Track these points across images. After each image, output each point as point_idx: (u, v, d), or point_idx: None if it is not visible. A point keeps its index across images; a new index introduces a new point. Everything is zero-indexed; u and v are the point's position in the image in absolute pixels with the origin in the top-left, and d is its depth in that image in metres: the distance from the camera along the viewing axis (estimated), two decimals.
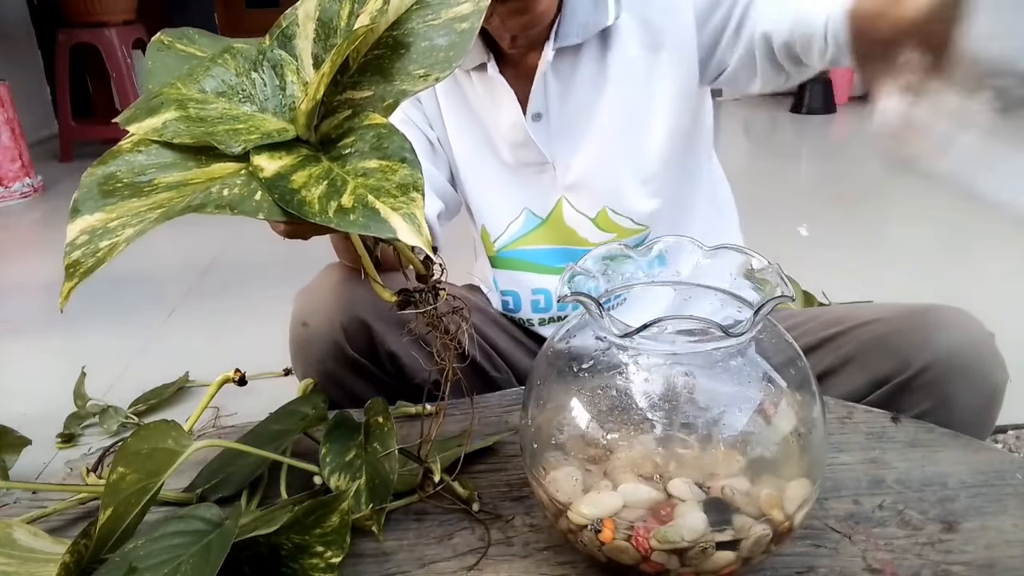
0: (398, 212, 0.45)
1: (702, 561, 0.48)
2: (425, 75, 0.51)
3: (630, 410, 0.50)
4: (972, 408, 0.74)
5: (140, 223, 0.46)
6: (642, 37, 0.86)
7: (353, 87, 0.53)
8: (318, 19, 0.54)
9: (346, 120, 0.52)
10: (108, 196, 0.48)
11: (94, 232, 0.46)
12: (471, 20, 0.52)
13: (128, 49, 3.78)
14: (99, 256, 0.45)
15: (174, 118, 0.51)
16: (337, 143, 0.51)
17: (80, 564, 0.49)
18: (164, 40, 0.59)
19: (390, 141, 0.49)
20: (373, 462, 0.60)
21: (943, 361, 0.74)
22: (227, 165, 0.49)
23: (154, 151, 0.50)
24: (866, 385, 0.78)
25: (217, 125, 0.51)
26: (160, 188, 0.48)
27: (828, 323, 0.85)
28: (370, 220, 0.45)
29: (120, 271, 2.61)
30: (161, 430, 0.56)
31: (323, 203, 0.46)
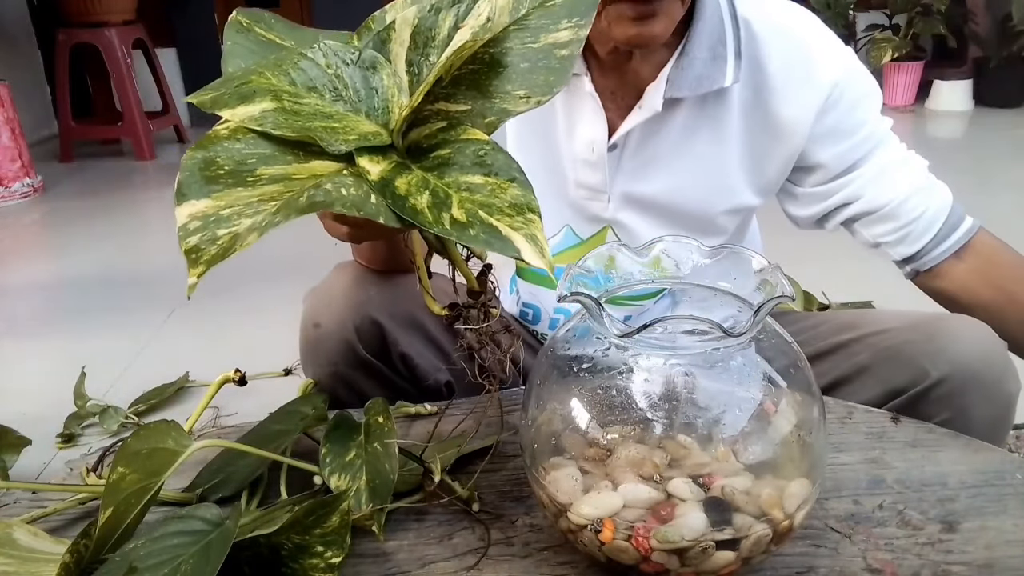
0: (519, 232, 0.44)
1: (702, 561, 0.48)
2: (527, 97, 0.50)
3: (630, 410, 0.50)
4: (988, 419, 0.74)
5: (257, 215, 0.45)
6: (749, 112, 0.82)
7: (446, 99, 0.52)
8: (416, 27, 0.53)
9: (440, 131, 0.51)
10: (212, 183, 0.46)
11: (206, 218, 0.45)
12: (571, 48, 0.51)
13: (128, 49, 3.78)
14: (221, 245, 0.44)
15: (271, 109, 0.50)
16: (428, 153, 0.50)
17: (80, 564, 0.49)
18: (242, 21, 0.58)
19: (494, 159, 0.48)
20: (373, 462, 0.60)
21: (959, 372, 0.73)
22: (328, 163, 0.49)
23: (252, 141, 0.49)
24: (880, 395, 0.78)
25: (313, 121, 0.50)
26: (264, 180, 0.47)
27: (838, 329, 0.85)
28: (492, 237, 0.44)
29: (120, 271, 2.62)
30: (161, 430, 0.56)
31: (434, 213, 0.45)
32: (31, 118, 3.82)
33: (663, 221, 0.86)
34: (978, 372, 0.74)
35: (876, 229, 0.85)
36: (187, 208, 0.46)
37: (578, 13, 0.52)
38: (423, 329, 0.85)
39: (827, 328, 0.86)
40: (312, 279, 0.87)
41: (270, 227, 0.44)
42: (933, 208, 0.83)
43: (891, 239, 0.85)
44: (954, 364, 0.74)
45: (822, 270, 1.75)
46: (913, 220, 0.83)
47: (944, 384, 0.74)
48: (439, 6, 0.53)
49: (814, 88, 0.81)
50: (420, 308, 0.84)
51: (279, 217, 0.44)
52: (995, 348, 0.75)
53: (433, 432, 0.66)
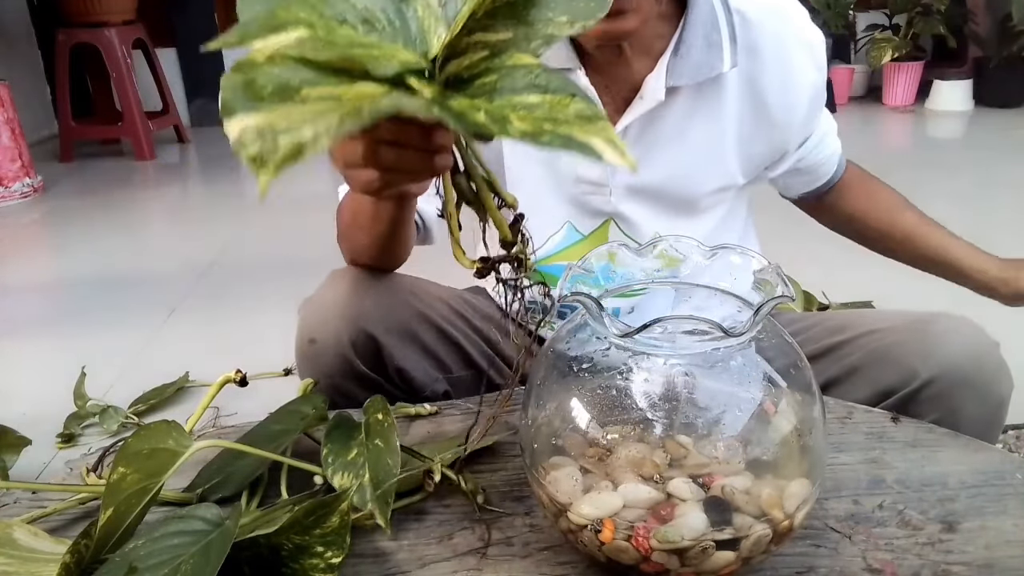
0: (595, 136, 0.42)
1: (702, 561, 0.48)
2: (571, 22, 0.49)
3: (630, 410, 0.50)
4: (979, 419, 0.74)
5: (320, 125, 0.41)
6: (744, 96, 0.83)
7: (483, 30, 0.50)
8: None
9: (482, 60, 0.49)
10: (258, 100, 0.43)
11: (261, 132, 0.41)
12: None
13: (128, 49, 3.78)
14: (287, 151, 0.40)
15: (307, 36, 0.46)
16: (472, 82, 0.48)
17: (80, 564, 0.49)
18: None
19: (549, 80, 0.46)
20: (376, 459, 0.59)
21: (949, 373, 0.74)
22: (374, 86, 0.45)
23: (290, 67, 0.45)
24: (872, 396, 0.78)
25: (353, 48, 0.47)
26: (313, 99, 0.43)
27: (832, 330, 0.85)
28: (567, 142, 0.42)
29: (120, 271, 2.62)
30: (162, 430, 0.56)
31: (501, 126, 0.43)
32: (31, 118, 3.82)
33: (663, 208, 0.87)
34: (968, 373, 0.74)
35: (793, 180, 0.98)
36: (237, 123, 0.41)
37: None
38: (418, 341, 0.85)
39: (820, 330, 0.86)
40: (312, 279, 0.87)
41: (341, 133, 0.40)
42: (835, 161, 0.98)
43: (798, 185, 0.99)
44: (943, 365, 0.74)
45: (822, 270, 1.75)
46: (823, 173, 0.97)
47: (934, 385, 0.74)
48: None
49: (809, 76, 0.84)
50: (415, 320, 0.84)
51: (348, 123, 0.41)
52: (986, 349, 0.76)
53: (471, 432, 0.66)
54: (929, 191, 2.78)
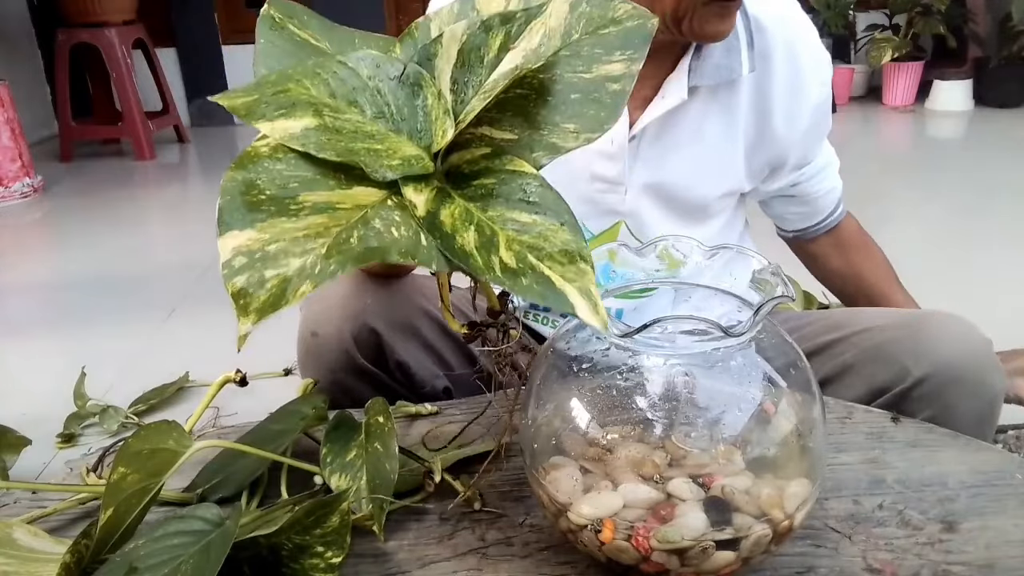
0: (572, 285, 0.43)
1: (702, 561, 0.48)
2: (576, 132, 0.49)
3: (630, 410, 0.50)
4: (972, 416, 0.74)
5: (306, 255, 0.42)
6: (755, 101, 0.84)
7: (491, 123, 0.50)
8: (464, 43, 0.50)
9: (483, 158, 0.49)
10: (254, 210, 0.44)
11: (251, 254, 0.42)
12: (623, 82, 0.49)
13: (128, 49, 3.79)
14: (271, 291, 0.41)
15: (313, 127, 0.47)
16: (470, 180, 0.48)
17: (80, 564, 0.49)
18: (275, 16, 0.55)
19: (543, 197, 0.46)
20: (374, 462, 0.60)
21: (942, 371, 0.74)
22: (371, 191, 0.47)
23: (292, 161, 0.46)
24: (866, 394, 0.78)
25: (356, 142, 0.47)
26: (307, 209, 0.44)
27: (827, 328, 0.85)
28: (546, 289, 0.42)
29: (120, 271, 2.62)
30: (162, 430, 0.56)
31: (485, 258, 0.44)
32: (31, 118, 3.83)
33: (674, 209, 0.88)
34: (960, 370, 0.74)
35: (789, 209, 0.99)
36: (230, 240, 0.42)
37: (632, 46, 0.50)
38: (420, 336, 0.85)
39: (815, 328, 0.86)
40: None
41: (325, 277, 0.42)
42: (833, 198, 0.99)
43: (794, 218, 1.00)
44: (936, 363, 0.74)
45: None
46: (820, 208, 0.99)
47: (926, 382, 0.74)
48: (489, 24, 0.50)
49: (814, 89, 0.85)
50: (417, 315, 0.85)
51: (334, 265, 0.42)
52: (978, 346, 0.76)
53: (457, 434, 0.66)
54: (929, 191, 2.78)
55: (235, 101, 0.48)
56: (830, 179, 0.97)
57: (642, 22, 0.51)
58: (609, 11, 0.52)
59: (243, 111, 0.48)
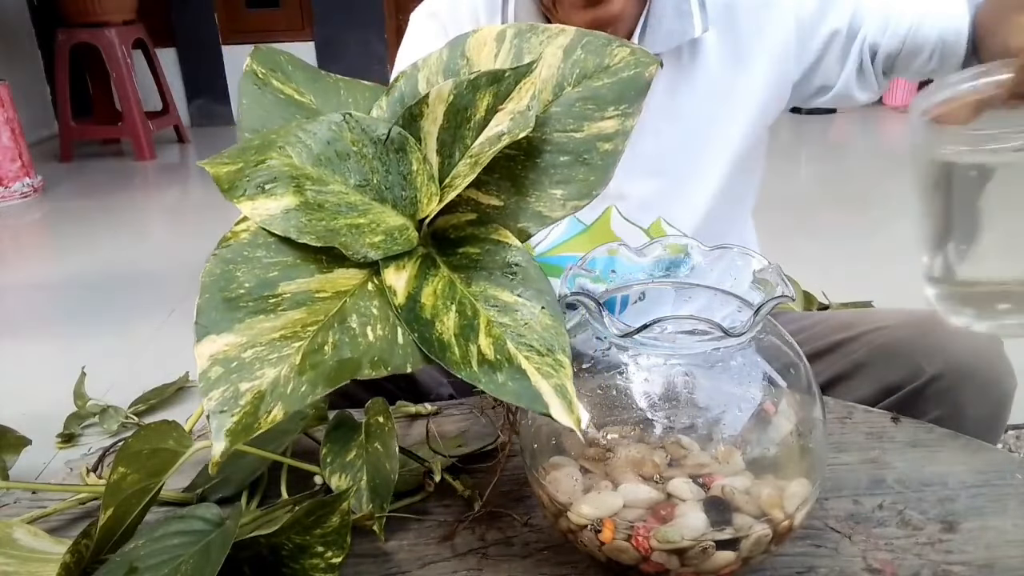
0: (548, 381, 0.42)
1: (702, 561, 0.48)
2: (564, 200, 0.48)
3: (630, 410, 0.50)
4: (983, 416, 0.74)
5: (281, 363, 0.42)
6: (726, 54, 0.83)
7: (478, 186, 0.49)
8: (450, 104, 0.49)
9: (469, 224, 0.48)
10: (233, 309, 0.43)
11: (228, 363, 0.42)
12: (615, 142, 0.48)
13: (128, 49, 3.79)
14: (245, 409, 0.41)
15: (294, 206, 0.46)
16: (456, 246, 0.48)
17: (80, 564, 0.49)
18: (258, 72, 0.54)
19: (525, 274, 0.46)
20: (374, 462, 0.60)
21: (954, 369, 0.74)
22: (351, 273, 0.46)
23: (273, 246, 0.45)
24: (876, 392, 0.78)
25: (338, 218, 0.46)
26: (286, 303, 0.44)
27: (836, 328, 0.85)
28: (520, 387, 0.42)
29: (120, 271, 2.62)
30: (162, 430, 0.56)
31: (463, 347, 0.43)
32: (31, 118, 3.83)
33: (664, 183, 0.86)
34: (972, 369, 0.74)
35: (915, 64, 0.84)
36: (207, 347, 0.42)
37: (627, 99, 0.49)
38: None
39: (824, 327, 0.86)
40: None
41: (296, 403, 0.41)
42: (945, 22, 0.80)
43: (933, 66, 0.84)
44: (948, 361, 0.74)
45: (822, 270, 1.76)
46: (937, 39, 0.81)
47: (939, 381, 0.74)
48: (477, 83, 0.48)
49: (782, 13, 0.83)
50: None
51: (306, 387, 0.42)
52: (990, 345, 0.76)
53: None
54: None
55: (220, 170, 0.48)
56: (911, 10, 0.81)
57: (639, 71, 0.49)
58: (605, 57, 0.50)
59: (226, 184, 0.47)
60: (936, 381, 0.74)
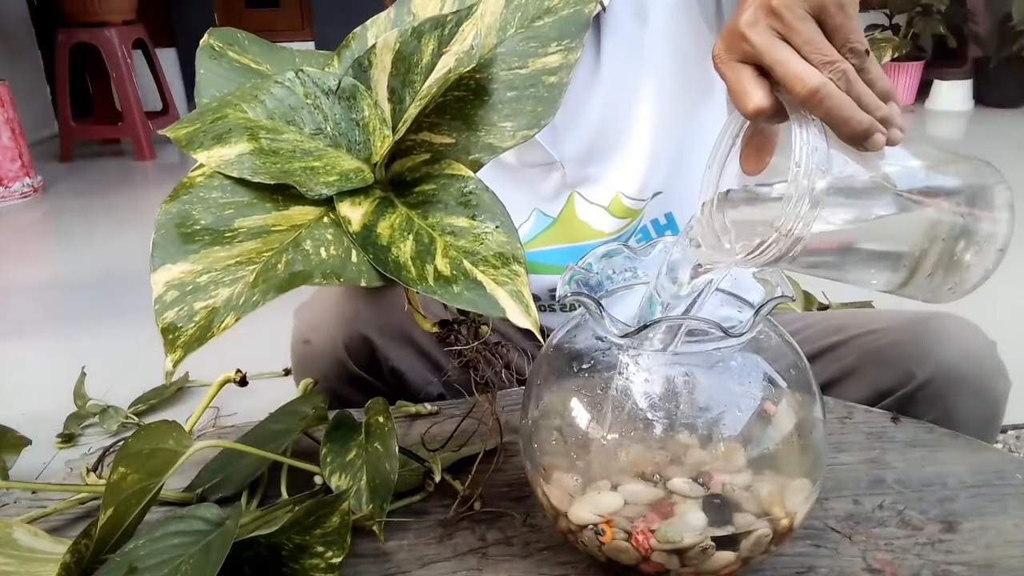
0: (504, 288, 0.43)
1: (702, 561, 0.48)
2: (513, 131, 0.49)
3: (630, 410, 0.50)
4: (975, 419, 0.74)
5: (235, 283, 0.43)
6: (633, 9, 0.82)
7: (430, 128, 0.50)
8: (397, 52, 0.50)
9: (424, 164, 0.49)
10: (189, 242, 0.44)
11: (183, 287, 0.43)
12: (560, 75, 0.49)
13: (128, 49, 3.79)
14: (199, 323, 0.42)
15: (248, 151, 0.47)
16: (412, 187, 0.49)
17: (80, 564, 0.49)
18: (215, 45, 0.56)
19: (479, 199, 0.47)
20: (374, 462, 0.60)
21: (945, 374, 0.74)
22: (307, 209, 0.47)
23: (229, 187, 0.47)
24: (869, 397, 0.78)
25: (292, 162, 0.48)
26: (241, 235, 0.45)
27: (828, 331, 0.85)
28: (476, 295, 0.43)
29: (120, 271, 2.62)
30: (162, 430, 0.56)
31: (419, 267, 0.44)
32: (31, 118, 3.83)
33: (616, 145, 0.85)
34: (964, 374, 0.74)
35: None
36: (163, 275, 0.43)
37: (568, 34, 0.50)
38: (413, 343, 0.84)
39: (817, 331, 0.86)
40: (310, 293, 0.87)
41: (249, 308, 0.42)
42: None
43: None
44: (939, 366, 0.74)
45: None
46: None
47: (930, 386, 0.74)
48: (421, 30, 0.50)
49: None
50: (410, 322, 0.84)
51: (257, 295, 0.42)
52: (983, 348, 0.75)
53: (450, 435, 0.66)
54: None
55: (178, 132, 0.49)
56: None
57: (578, 8, 0.50)
58: (545, 1, 0.51)
59: (184, 142, 0.48)
60: (927, 386, 0.74)
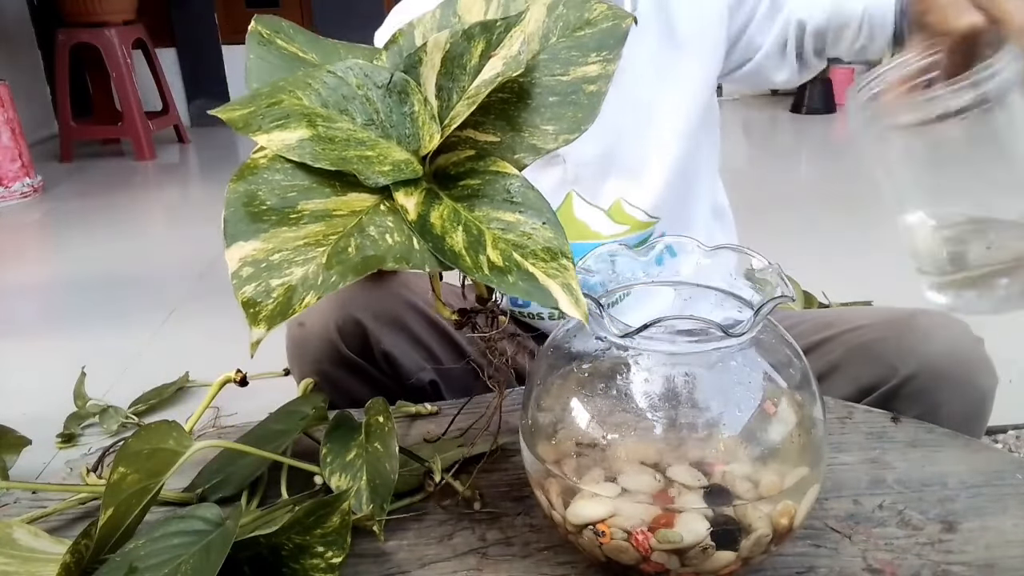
0: (555, 280, 0.45)
1: (702, 561, 0.48)
2: (555, 134, 0.51)
3: (630, 410, 0.50)
4: (960, 415, 0.74)
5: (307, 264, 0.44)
6: (661, 30, 0.84)
7: (475, 127, 0.52)
8: (447, 51, 0.53)
9: (468, 160, 0.51)
10: (257, 220, 0.46)
11: (257, 264, 0.44)
12: (599, 83, 0.51)
13: (128, 49, 3.79)
14: (278, 300, 0.43)
15: (308, 137, 0.49)
16: (456, 180, 0.50)
17: (81, 564, 0.49)
18: (263, 32, 0.57)
19: (525, 196, 0.48)
20: (374, 462, 0.60)
21: (928, 370, 0.74)
22: (363, 196, 0.49)
23: (290, 171, 0.48)
24: (853, 393, 0.78)
25: (348, 150, 0.49)
26: (306, 217, 0.47)
27: (818, 327, 0.85)
28: (530, 286, 0.45)
29: (120, 271, 2.62)
30: (162, 430, 0.56)
31: (473, 257, 0.46)
32: (31, 118, 3.83)
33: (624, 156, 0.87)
34: (947, 369, 0.74)
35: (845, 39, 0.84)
36: (236, 251, 0.45)
37: (607, 47, 0.52)
38: (406, 328, 0.85)
39: (807, 327, 0.86)
40: None
41: (329, 289, 0.44)
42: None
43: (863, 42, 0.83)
44: (922, 361, 0.74)
45: (822, 270, 1.75)
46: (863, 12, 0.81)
47: (913, 381, 0.74)
48: (471, 32, 0.52)
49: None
50: (402, 307, 0.85)
51: (335, 277, 0.44)
52: (967, 344, 0.75)
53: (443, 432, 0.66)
54: None
55: (232, 114, 0.50)
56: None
57: (616, 23, 0.53)
58: (585, 12, 0.54)
59: (240, 123, 0.50)
60: (910, 381, 0.74)
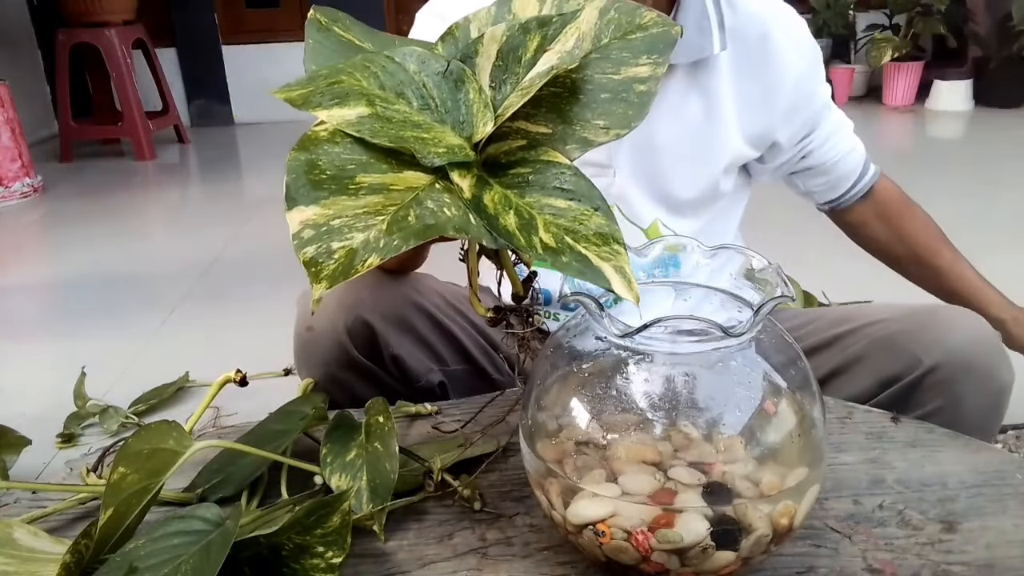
0: (608, 263, 0.46)
1: (702, 561, 0.48)
2: (606, 128, 0.52)
3: (630, 410, 0.50)
4: (981, 407, 0.75)
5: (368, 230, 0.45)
6: (735, 77, 0.86)
7: (526, 118, 0.54)
8: (503, 44, 0.54)
9: (519, 149, 0.52)
10: (317, 188, 0.47)
11: (318, 227, 0.45)
12: (649, 84, 0.53)
13: (128, 49, 3.79)
14: (339, 260, 0.44)
15: (367, 114, 0.50)
16: (506, 168, 0.52)
17: (81, 564, 0.49)
18: (321, 19, 0.59)
19: (577, 184, 0.49)
20: (374, 462, 0.60)
21: (952, 360, 0.74)
22: (419, 175, 0.50)
23: (348, 146, 0.50)
24: (874, 385, 0.78)
25: (405, 130, 0.51)
26: (364, 188, 0.48)
27: (834, 322, 0.86)
28: (583, 266, 0.46)
29: (120, 271, 2.62)
30: (162, 430, 0.56)
31: (527, 238, 0.47)
32: (31, 118, 3.83)
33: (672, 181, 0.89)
34: (971, 361, 0.74)
35: (812, 182, 0.98)
36: (297, 215, 0.46)
37: (657, 51, 0.54)
38: (414, 330, 0.85)
39: (823, 322, 0.87)
40: None
41: (391, 251, 0.44)
42: (854, 161, 0.97)
43: (821, 189, 0.99)
44: (947, 352, 0.74)
45: (822, 270, 1.75)
46: (843, 175, 0.97)
47: (937, 372, 0.75)
48: (528, 27, 0.54)
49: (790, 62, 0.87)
50: (411, 309, 0.85)
51: (397, 240, 0.45)
52: (989, 338, 0.76)
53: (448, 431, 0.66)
54: (929, 191, 2.77)
55: (291, 93, 0.51)
56: (843, 142, 0.95)
57: (666, 29, 0.55)
58: (636, 18, 0.56)
59: (300, 101, 0.51)
60: (934, 372, 0.75)
